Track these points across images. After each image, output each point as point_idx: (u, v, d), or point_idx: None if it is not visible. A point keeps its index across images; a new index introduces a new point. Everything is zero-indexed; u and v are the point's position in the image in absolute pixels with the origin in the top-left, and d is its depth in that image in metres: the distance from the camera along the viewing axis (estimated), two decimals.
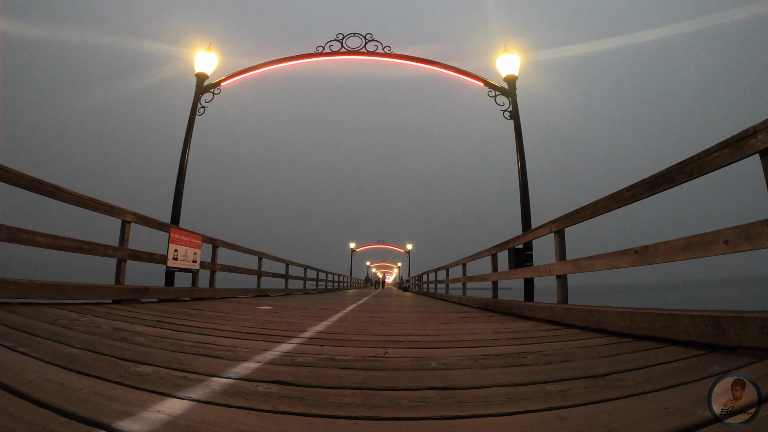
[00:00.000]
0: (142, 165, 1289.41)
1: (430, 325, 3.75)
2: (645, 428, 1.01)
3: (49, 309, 3.10)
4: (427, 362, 1.85)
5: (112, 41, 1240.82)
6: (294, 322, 3.58)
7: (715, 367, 1.56)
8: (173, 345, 2.05)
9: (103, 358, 1.64)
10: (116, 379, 1.32)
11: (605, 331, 2.73)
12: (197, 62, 7.84)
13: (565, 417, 1.09)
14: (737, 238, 2.01)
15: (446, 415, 1.12)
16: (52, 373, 1.36)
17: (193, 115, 7.57)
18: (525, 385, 1.43)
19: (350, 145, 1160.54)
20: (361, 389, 1.36)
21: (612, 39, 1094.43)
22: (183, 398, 1.18)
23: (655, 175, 2.71)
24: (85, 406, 1.06)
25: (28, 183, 3.59)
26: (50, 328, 2.28)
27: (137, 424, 0.97)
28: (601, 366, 1.72)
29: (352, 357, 1.94)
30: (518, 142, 6.96)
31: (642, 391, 1.30)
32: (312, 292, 14.94)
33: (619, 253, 3.06)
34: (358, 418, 1.09)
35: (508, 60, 7.37)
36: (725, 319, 1.84)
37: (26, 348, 1.69)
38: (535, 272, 5.06)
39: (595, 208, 3.46)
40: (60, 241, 4.00)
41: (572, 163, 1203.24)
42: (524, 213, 6.53)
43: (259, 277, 9.94)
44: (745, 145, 2.01)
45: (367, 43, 8.20)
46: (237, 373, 1.51)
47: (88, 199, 4.40)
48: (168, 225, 6.25)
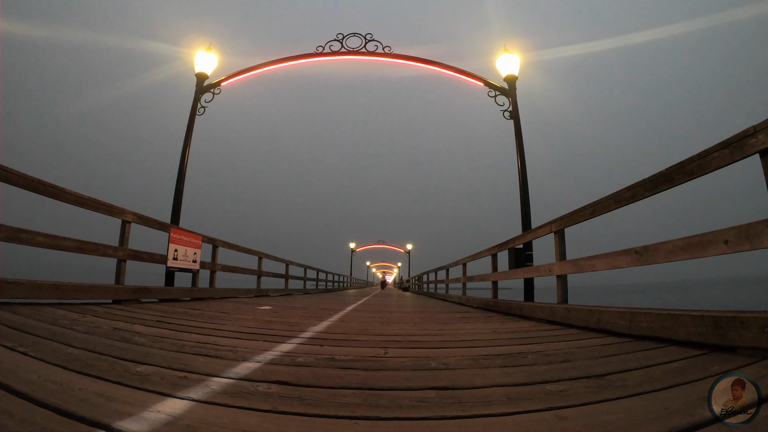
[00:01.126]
0: (142, 165, 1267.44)
1: (430, 325, 3.75)
2: (646, 428, 1.01)
3: (50, 309, 3.10)
4: (426, 362, 1.85)
5: (111, 41, 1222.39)
6: (294, 322, 3.58)
7: (715, 367, 1.56)
8: (173, 345, 2.05)
9: (103, 358, 1.63)
10: (116, 379, 1.32)
11: (605, 331, 2.73)
12: (197, 62, 7.84)
13: (565, 417, 1.09)
14: (737, 238, 2.01)
15: (446, 415, 1.12)
16: (52, 373, 1.36)
17: (193, 115, 7.57)
18: (525, 385, 1.43)
19: (350, 146, 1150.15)
20: (361, 389, 1.36)
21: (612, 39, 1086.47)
22: (183, 398, 1.17)
23: (655, 175, 2.71)
24: (84, 405, 1.06)
25: (28, 183, 3.59)
26: (50, 328, 2.27)
27: (137, 424, 0.96)
28: (601, 366, 1.72)
29: (352, 357, 1.94)
30: (518, 142, 6.96)
31: (642, 391, 1.30)
32: (312, 292, 14.94)
33: (619, 253, 3.06)
34: (358, 418, 1.09)
35: (508, 60, 7.37)
36: (725, 319, 1.84)
37: (26, 348, 1.68)
38: (535, 272, 5.06)
39: (595, 208, 3.46)
40: (60, 241, 4.00)
41: (572, 163, 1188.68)
42: (524, 213, 6.53)
43: (259, 277, 9.94)
44: (745, 145, 2.01)
45: (367, 43, 8.20)
46: (237, 373, 1.51)
47: (89, 199, 4.40)
48: (168, 225, 6.25)
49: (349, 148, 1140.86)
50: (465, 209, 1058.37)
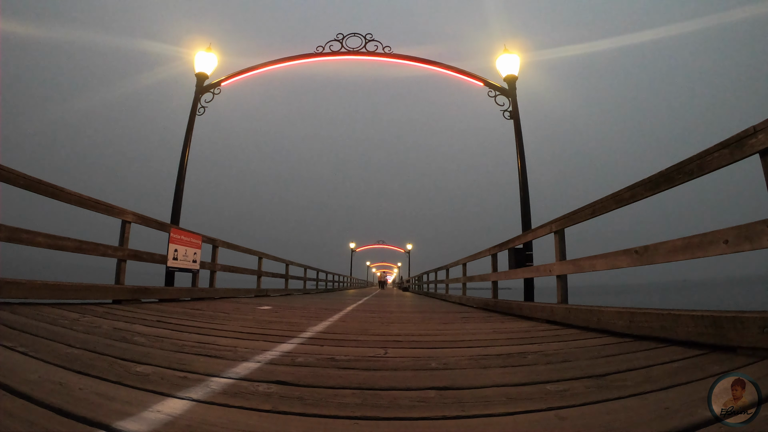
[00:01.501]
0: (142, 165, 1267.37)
1: (430, 325, 3.75)
2: (646, 428, 1.01)
3: (49, 309, 3.10)
4: (427, 362, 1.85)
5: (111, 41, 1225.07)
6: (294, 322, 3.58)
7: (715, 367, 1.56)
8: (173, 345, 2.05)
9: (103, 358, 1.63)
10: (116, 379, 1.32)
11: (605, 331, 2.73)
12: (197, 62, 7.84)
13: (565, 417, 1.09)
14: (737, 238, 2.01)
15: (446, 415, 1.12)
16: (52, 373, 1.35)
17: (193, 115, 7.57)
18: (525, 385, 1.43)
19: (350, 146, 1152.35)
20: (361, 389, 1.36)
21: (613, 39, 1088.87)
22: (183, 398, 1.17)
23: (655, 175, 2.71)
24: (85, 405, 1.06)
25: (28, 183, 3.59)
26: (50, 328, 2.27)
27: (137, 424, 0.97)
28: (602, 366, 1.72)
29: (352, 357, 1.94)
30: (518, 142, 6.96)
31: (642, 391, 1.30)
32: (312, 292, 14.94)
33: (619, 253, 3.06)
34: (358, 418, 1.09)
35: (508, 60, 7.37)
36: (725, 320, 1.84)
37: (26, 348, 1.68)
38: (535, 272, 5.06)
39: (595, 208, 3.46)
40: (60, 241, 4.00)
41: (572, 163, 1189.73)
42: (524, 213, 6.53)
43: (259, 277, 9.94)
44: (745, 145, 2.01)
45: (367, 43, 8.20)
46: (237, 373, 1.51)
47: (88, 199, 4.40)
48: (168, 225, 6.25)
49: (349, 149, 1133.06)
50: (465, 209, 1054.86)
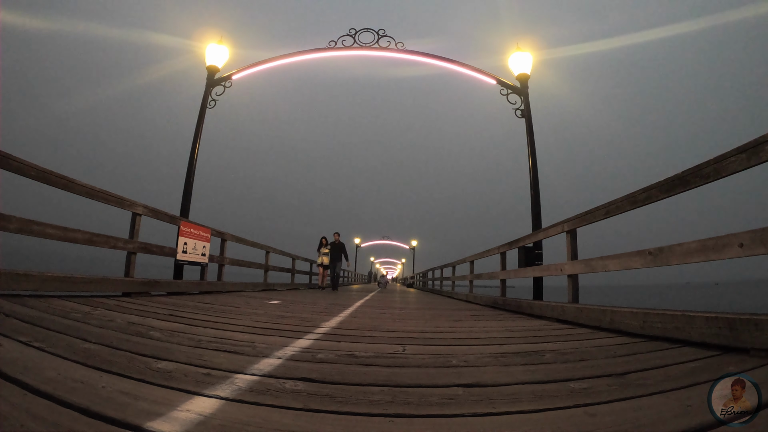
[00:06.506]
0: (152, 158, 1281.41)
1: (442, 322, 3.74)
2: (672, 425, 1.03)
3: (60, 302, 3.08)
4: (447, 359, 1.87)
5: (121, 34, 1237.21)
6: (306, 317, 3.58)
7: (730, 368, 1.59)
8: (190, 340, 2.03)
9: (121, 353, 1.60)
10: (139, 377, 1.29)
11: (617, 331, 2.75)
12: (208, 55, 7.82)
13: (594, 414, 1.12)
14: (752, 241, 2.02)
15: (478, 412, 1.13)
16: (71, 370, 1.31)
17: (203, 108, 7.55)
18: (549, 383, 1.45)
19: (359, 141, 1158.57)
20: (388, 386, 1.36)
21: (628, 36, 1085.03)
22: (211, 396, 1.15)
23: (671, 178, 2.72)
24: (111, 405, 1.02)
25: (39, 174, 3.58)
26: (63, 321, 2.24)
27: (168, 424, 0.94)
28: (619, 365, 1.74)
29: (371, 353, 1.94)
30: (530, 141, 6.90)
31: (663, 389, 1.33)
32: (316, 287, 14.92)
33: (633, 254, 3.06)
34: (391, 416, 1.09)
35: (521, 58, 7.31)
36: (739, 321, 1.87)
37: (42, 343, 1.62)
38: (545, 271, 5.04)
39: (609, 209, 3.43)
40: (71, 233, 3.98)
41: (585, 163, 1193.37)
42: (535, 212, 6.50)
43: (266, 271, 9.95)
44: (762, 151, 2.02)
45: (380, 39, 8.13)
46: (260, 370, 1.49)
47: (99, 191, 4.39)
48: (178, 218, 6.26)
49: (358, 144, 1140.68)
50: (473, 207, 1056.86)
